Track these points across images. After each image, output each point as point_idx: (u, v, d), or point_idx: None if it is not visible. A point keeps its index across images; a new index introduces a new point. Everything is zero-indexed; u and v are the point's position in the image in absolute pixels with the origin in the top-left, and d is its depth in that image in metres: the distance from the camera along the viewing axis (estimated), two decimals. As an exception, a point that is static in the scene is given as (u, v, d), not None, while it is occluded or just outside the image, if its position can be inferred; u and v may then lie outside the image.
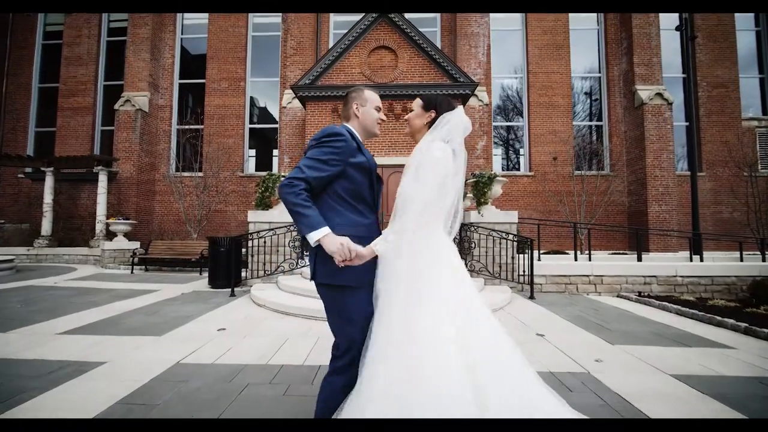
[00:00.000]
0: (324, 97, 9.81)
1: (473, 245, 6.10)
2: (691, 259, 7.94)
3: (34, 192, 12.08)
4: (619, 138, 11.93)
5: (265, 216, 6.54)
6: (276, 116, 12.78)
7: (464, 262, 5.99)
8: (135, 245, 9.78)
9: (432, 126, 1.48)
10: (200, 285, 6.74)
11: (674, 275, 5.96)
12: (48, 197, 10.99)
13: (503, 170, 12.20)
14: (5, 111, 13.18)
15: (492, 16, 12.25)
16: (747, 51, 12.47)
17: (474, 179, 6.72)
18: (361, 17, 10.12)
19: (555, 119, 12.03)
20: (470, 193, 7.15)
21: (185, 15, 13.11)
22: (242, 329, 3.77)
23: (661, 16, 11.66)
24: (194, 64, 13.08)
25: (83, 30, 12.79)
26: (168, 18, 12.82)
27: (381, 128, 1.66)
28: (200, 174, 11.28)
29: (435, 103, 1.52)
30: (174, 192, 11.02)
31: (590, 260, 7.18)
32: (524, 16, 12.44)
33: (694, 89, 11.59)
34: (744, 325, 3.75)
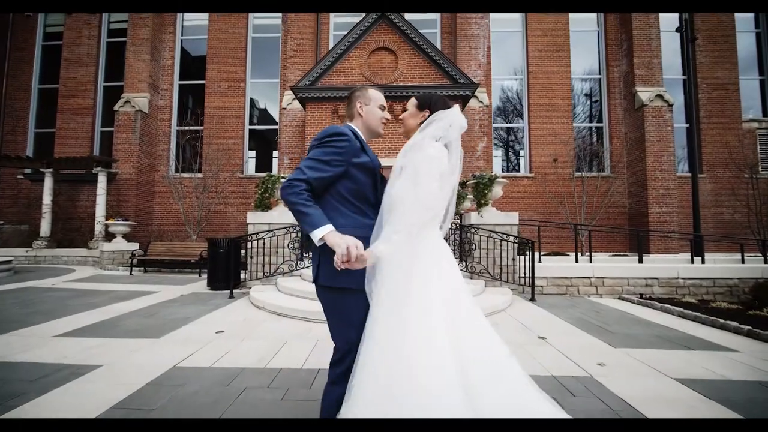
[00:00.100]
0: (324, 98, 9.80)
1: (474, 247, 6.07)
2: (693, 261, 7.91)
3: (34, 193, 12.06)
4: (620, 139, 11.92)
5: (265, 217, 6.51)
6: (276, 117, 12.77)
7: (465, 264, 6.03)
8: (134, 246, 9.74)
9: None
10: (199, 287, 6.70)
11: (676, 277, 5.93)
12: (47, 198, 10.97)
13: (503, 172, 12.19)
14: (5, 112, 13.17)
15: (492, 18, 12.26)
16: (747, 53, 12.48)
17: (474, 181, 6.70)
18: (361, 18, 10.13)
19: (555, 121, 12.02)
20: (471, 195, 7.13)
21: (185, 16, 13.12)
22: (241, 331, 3.74)
23: (661, 18, 11.67)
24: (194, 66, 13.08)
25: (83, 31, 12.80)
26: (168, 19, 12.83)
27: (384, 128, 1.63)
28: (200, 175, 11.26)
29: (429, 103, 1.49)
30: (173, 193, 11.00)
31: (591, 262, 7.15)
32: (524, 18, 12.45)
33: (695, 91, 11.59)
34: (747, 328, 3.72)
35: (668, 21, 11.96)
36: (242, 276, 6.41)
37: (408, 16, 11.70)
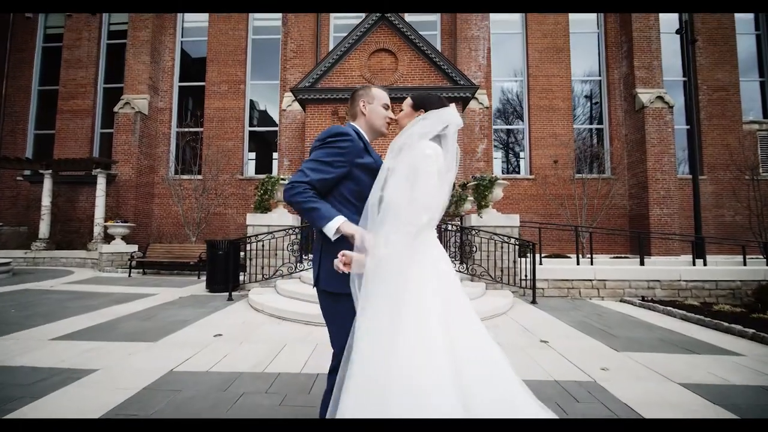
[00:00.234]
0: (324, 100, 9.79)
1: (474, 249, 6.03)
2: (694, 263, 7.86)
3: (33, 194, 12.03)
4: (620, 141, 11.90)
5: (264, 219, 6.48)
6: (276, 119, 12.76)
7: (465, 266, 5.99)
8: (133, 248, 9.70)
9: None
10: (198, 289, 6.66)
11: (678, 279, 5.89)
12: (46, 200, 10.94)
13: (503, 173, 12.16)
14: (4, 113, 13.15)
15: (492, 20, 12.26)
16: (747, 54, 12.47)
17: (475, 182, 6.66)
18: (362, 20, 10.13)
19: (555, 122, 12.00)
20: (471, 196, 7.10)
21: (185, 18, 13.12)
22: (239, 335, 3.70)
23: (661, 20, 11.66)
24: (194, 67, 13.08)
25: (83, 33, 12.80)
26: (168, 21, 12.83)
27: (389, 128, 1.60)
28: (199, 177, 11.23)
29: (425, 103, 1.46)
30: (173, 195, 10.97)
31: (592, 264, 7.10)
32: (524, 20, 12.45)
33: (695, 92, 11.55)
34: (751, 331, 3.68)
35: (668, 23, 11.96)
36: (241, 278, 6.37)
37: (408, 18, 11.71)
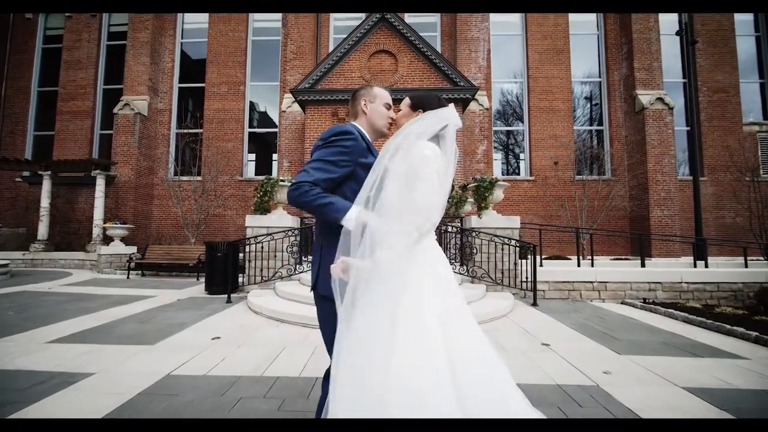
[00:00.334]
0: (324, 101, 9.78)
1: (475, 251, 6.00)
2: (695, 265, 7.83)
3: (32, 196, 12.00)
4: (620, 142, 11.88)
5: (263, 221, 6.44)
6: (276, 120, 12.74)
7: (466, 269, 5.95)
8: (132, 250, 9.66)
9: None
10: (197, 291, 6.63)
11: (679, 281, 5.85)
12: (45, 201, 10.90)
13: (503, 175, 12.15)
14: (4, 115, 13.13)
15: (492, 21, 12.26)
16: (747, 56, 12.47)
17: (475, 184, 6.63)
18: (361, 21, 10.13)
19: (555, 124, 11.99)
20: (471, 198, 7.07)
21: (185, 20, 13.12)
22: (237, 338, 3.67)
23: (661, 22, 11.67)
24: (194, 68, 13.07)
25: (83, 34, 12.79)
26: (168, 22, 12.83)
27: (390, 128, 1.57)
28: (199, 178, 11.20)
29: (423, 103, 1.43)
30: (172, 196, 10.94)
31: (593, 266, 7.08)
32: (524, 21, 12.45)
33: (695, 94, 11.53)
34: (754, 334, 3.65)
35: (668, 24, 11.97)
36: (240, 280, 6.34)
37: (408, 19, 11.72)
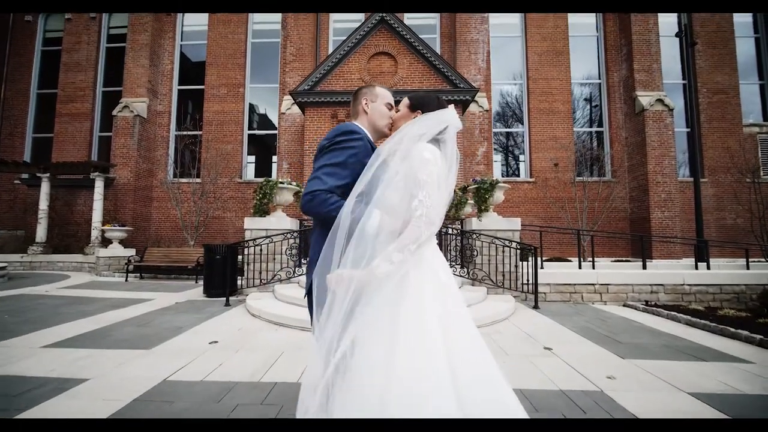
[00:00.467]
0: (323, 103, 9.75)
1: (475, 253, 5.96)
2: (697, 267, 7.79)
3: (30, 198, 11.95)
4: (620, 144, 11.86)
5: (262, 223, 6.40)
6: (275, 122, 12.72)
7: (467, 271, 5.90)
8: (130, 252, 9.61)
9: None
10: (195, 294, 6.58)
11: (682, 283, 5.81)
12: (43, 203, 10.86)
13: (503, 176, 12.11)
14: (3, 117, 13.10)
15: (491, 23, 12.26)
16: (746, 57, 12.47)
17: (475, 185, 6.60)
18: (361, 23, 10.12)
19: (555, 125, 11.97)
20: (471, 200, 7.03)
21: (185, 22, 13.12)
22: (236, 342, 3.62)
23: (661, 23, 11.67)
24: (193, 71, 13.05)
25: (83, 36, 12.79)
26: (167, 24, 12.83)
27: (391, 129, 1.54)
28: (198, 180, 11.17)
29: (423, 103, 1.39)
30: (171, 198, 10.90)
31: (594, 268, 7.03)
32: (524, 23, 12.45)
33: (695, 95, 11.54)
34: (759, 337, 3.60)
35: (667, 26, 11.98)
36: (239, 283, 6.29)
37: (407, 21, 11.73)
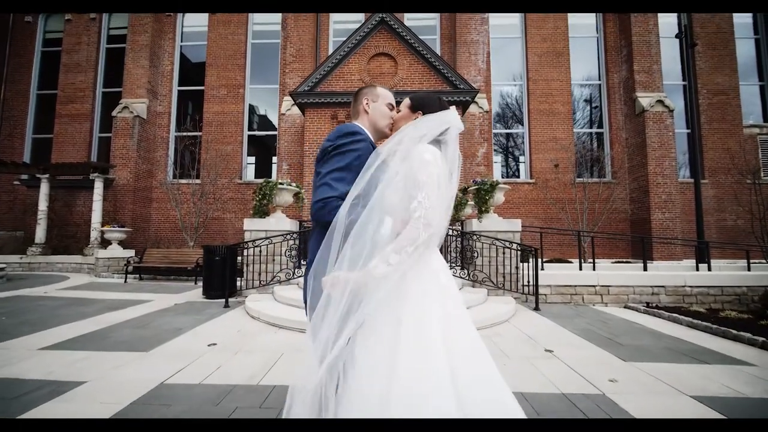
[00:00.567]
0: (323, 104, 9.74)
1: (476, 255, 5.94)
2: (698, 268, 7.76)
3: (30, 199, 11.93)
4: (621, 145, 11.85)
5: (262, 224, 6.37)
6: (275, 123, 12.71)
7: (467, 273, 5.87)
8: (129, 253, 9.58)
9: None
10: (194, 295, 6.55)
11: (683, 285, 5.78)
12: (43, 204, 10.84)
13: (503, 177, 12.10)
14: (3, 117, 13.09)
15: (491, 24, 12.26)
16: (746, 59, 12.47)
17: (475, 187, 6.58)
18: (361, 24, 10.11)
19: (555, 126, 11.96)
20: (472, 201, 7.01)
21: (185, 23, 13.12)
22: (234, 344, 3.59)
23: (661, 24, 11.67)
24: (193, 71, 13.05)
25: (82, 37, 12.79)
26: (167, 25, 12.83)
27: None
28: (198, 181, 11.15)
29: (424, 104, 1.37)
30: (171, 199, 10.88)
31: (594, 269, 7.00)
32: (524, 24, 12.45)
33: (695, 96, 11.53)
34: (762, 339, 3.58)
35: (667, 27, 11.98)
36: (238, 284, 6.26)
37: (407, 22, 11.73)
